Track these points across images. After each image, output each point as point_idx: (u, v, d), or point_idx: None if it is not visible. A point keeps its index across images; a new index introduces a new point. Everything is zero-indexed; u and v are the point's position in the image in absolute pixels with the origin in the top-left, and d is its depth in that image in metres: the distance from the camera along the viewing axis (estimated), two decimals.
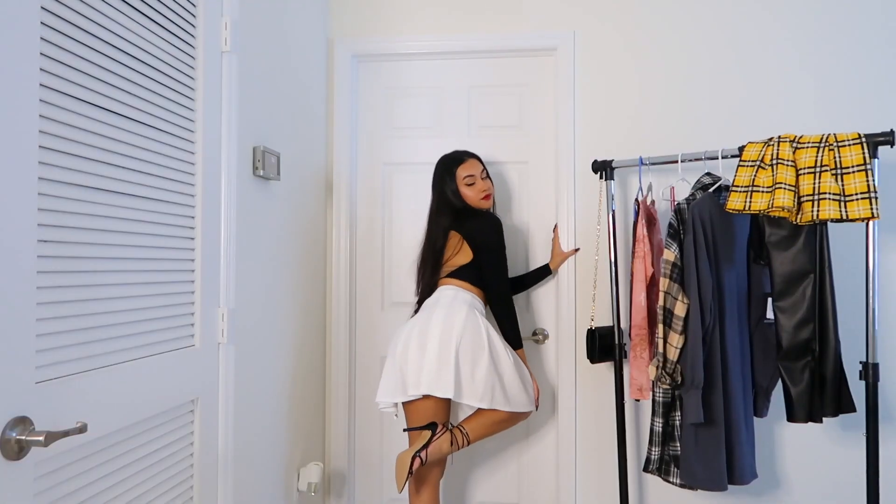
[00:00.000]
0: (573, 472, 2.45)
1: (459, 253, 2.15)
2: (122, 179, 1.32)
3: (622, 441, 2.23)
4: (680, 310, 1.87)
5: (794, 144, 1.78)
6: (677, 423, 1.96)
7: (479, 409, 2.11)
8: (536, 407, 2.14)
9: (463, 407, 2.26)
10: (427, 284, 2.20)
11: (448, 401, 2.05)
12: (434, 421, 2.02)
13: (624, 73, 2.47)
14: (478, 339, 2.01)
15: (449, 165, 2.22)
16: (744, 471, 1.91)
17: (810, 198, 1.72)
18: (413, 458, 1.95)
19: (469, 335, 2.00)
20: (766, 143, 1.81)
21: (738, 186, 1.81)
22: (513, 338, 2.12)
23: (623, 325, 2.36)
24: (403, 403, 2.06)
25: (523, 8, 2.53)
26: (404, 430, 2.06)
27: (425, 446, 1.98)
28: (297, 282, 2.28)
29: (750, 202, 1.78)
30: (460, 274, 2.14)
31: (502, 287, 2.13)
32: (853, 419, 2.26)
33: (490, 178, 2.27)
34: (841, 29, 2.37)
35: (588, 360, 2.26)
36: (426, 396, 2.00)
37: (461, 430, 2.06)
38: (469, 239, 2.14)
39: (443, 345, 1.98)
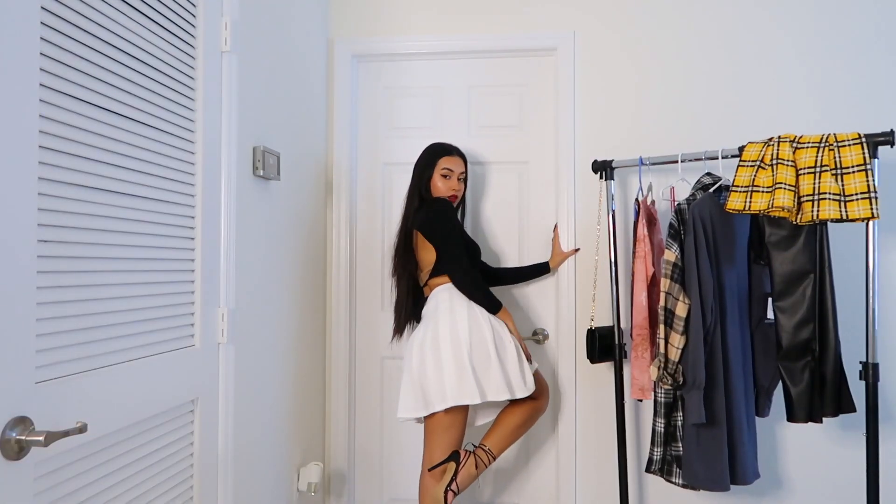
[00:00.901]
0: (573, 472, 2.45)
1: (423, 249, 2.15)
2: (122, 179, 1.32)
3: (622, 441, 2.23)
4: (681, 310, 1.87)
5: (794, 144, 1.78)
6: (679, 423, 1.96)
7: (496, 422, 2.13)
8: (531, 361, 2.11)
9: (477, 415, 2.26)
10: (402, 272, 2.20)
11: (467, 407, 2.05)
12: (455, 450, 2.04)
13: (624, 72, 2.47)
14: (483, 338, 2.01)
15: (435, 153, 2.23)
16: (746, 471, 1.91)
17: (810, 198, 1.72)
18: (446, 493, 1.98)
19: (476, 336, 2.01)
20: (766, 143, 1.81)
21: (738, 186, 1.81)
22: (490, 307, 2.07)
23: (623, 325, 2.36)
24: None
25: (523, 8, 2.53)
26: (429, 470, 2.04)
27: (454, 478, 1.99)
28: (297, 282, 2.28)
29: (750, 202, 1.78)
30: (440, 270, 2.13)
31: (457, 271, 2.07)
32: (853, 419, 2.27)
33: (465, 185, 2.29)
34: (840, 29, 2.37)
35: (588, 360, 2.26)
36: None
37: (483, 449, 2.08)
38: (421, 230, 2.13)
39: (456, 354, 1.99)
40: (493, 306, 2.07)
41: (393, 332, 2.26)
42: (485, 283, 2.11)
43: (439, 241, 2.10)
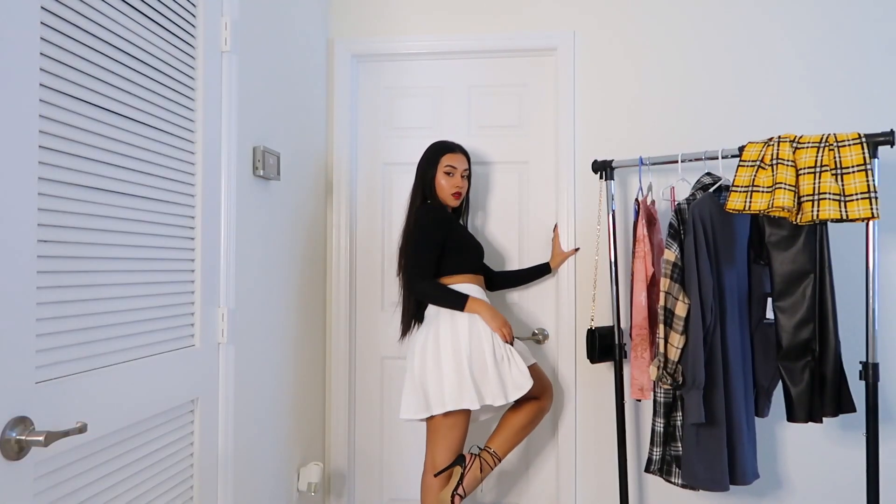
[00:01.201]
0: (573, 472, 2.45)
1: None
2: (122, 179, 1.32)
3: (622, 441, 2.23)
4: (681, 310, 1.87)
5: (794, 144, 1.78)
6: (678, 423, 1.96)
7: (501, 423, 2.14)
8: (511, 342, 2.06)
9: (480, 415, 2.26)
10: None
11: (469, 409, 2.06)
12: (461, 454, 2.04)
13: (624, 72, 2.47)
14: (481, 344, 2.01)
15: (437, 150, 2.23)
16: (745, 471, 1.91)
17: (810, 198, 1.72)
18: (453, 497, 1.99)
19: (475, 343, 2.01)
20: (766, 143, 1.81)
21: (738, 186, 1.81)
22: (456, 306, 2.04)
23: (623, 325, 2.36)
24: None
25: (523, 8, 2.53)
26: (435, 475, 2.04)
27: (460, 482, 2.00)
28: (297, 282, 2.28)
29: (750, 202, 1.78)
30: (440, 271, 2.13)
31: (412, 279, 2.06)
32: (853, 419, 2.26)
33: (469, 182, 2.28)
34: (839, 29, 2.37)
35: (588, 360, 2.26)
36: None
37: (488, 451, 2.08)
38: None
39: (456, 359, 1.99)
40: (458, 303, 2.04)
41: (400, 332, 2.26)
42: (441, 284, 2.08)
43: (412, 245, 2.10)
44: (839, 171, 1.70)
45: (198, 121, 1.61)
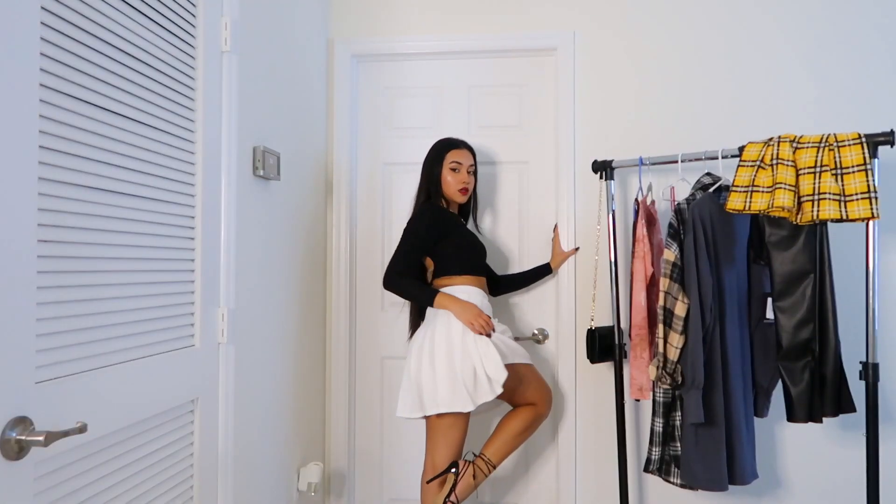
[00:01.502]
0: (573, 472, 2.45)
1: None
2: (122, 179, 1.32)
3: (622, 441, 2.23)
4: (680, 310, 1.87)
5: (794, 144, 1.78)
6: (678, 423, 1.96)
7: (497, 429, 2.14)
8: (488, 334, 2.04)
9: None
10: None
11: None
12: (454, 461, 2.04)
13: (624, 72, 2.47)
14: (468, 348, 2.01)
15: (442, 147, 2.23)
16: (744, 471, 1.91)
17: (810, 198, 1.72)
18: (445, 503, 1.99)
19: (469, 346, 2.01)
20: (766, 143, 1.81)
21: (738, 186, 1.81)
22: (426, 301, 2.07)
23: (623, 325, 2.36)
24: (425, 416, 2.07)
25: (523, 8, 2.53)
26: (427, 482, 2.04)
27: (453, 489, 2.00)
28: (297, 282, 2.28)
29: (750, 202, 1.78)
30: (440, 271, 2.14)
31: (388, 272, 2.07)
32: (853, 419, 2.26)
33: (476, 178, 2.28)
34: (839, 29, 2.37)
35: (588, 360, 2.26)
36: None
37: (483, 458, 2.08)
38: None
39: (449, 361, 1.99)
40: (427, 299, 2.06)
41: (409, 332, 2.26)
42: (412, 279, 2.09)
43: (400, 241, 2.10)
44: (839, 171, 1.70)
45: (198, 121, 1.61)
